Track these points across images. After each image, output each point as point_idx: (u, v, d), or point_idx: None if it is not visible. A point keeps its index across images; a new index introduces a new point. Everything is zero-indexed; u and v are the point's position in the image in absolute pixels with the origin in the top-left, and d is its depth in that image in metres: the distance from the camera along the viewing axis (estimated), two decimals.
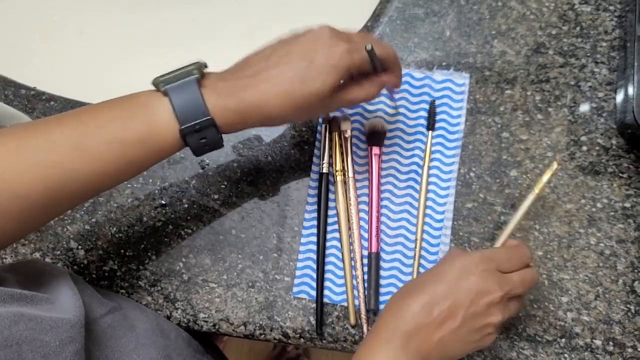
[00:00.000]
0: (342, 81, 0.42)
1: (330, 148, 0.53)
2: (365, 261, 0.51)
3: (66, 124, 0.38)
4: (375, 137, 0.52)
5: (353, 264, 0.50)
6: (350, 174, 0.52)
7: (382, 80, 0.44)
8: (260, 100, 0.39)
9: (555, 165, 0.45)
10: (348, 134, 0.52)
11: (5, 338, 0.29)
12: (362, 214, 0.52)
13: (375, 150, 0.52)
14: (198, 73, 0.39)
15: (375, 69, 0.43)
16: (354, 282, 0.50)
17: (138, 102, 0.39)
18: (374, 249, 0.50)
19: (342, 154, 0.52)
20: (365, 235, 0.51)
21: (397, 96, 0.54)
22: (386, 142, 0.53)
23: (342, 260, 0.51)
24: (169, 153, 0.40)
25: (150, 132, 0.38)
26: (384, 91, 0.52)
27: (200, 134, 0.39)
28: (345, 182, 0.51)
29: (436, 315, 0.38)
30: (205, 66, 0.41)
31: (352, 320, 0.49)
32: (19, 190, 0.35)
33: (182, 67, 0.40)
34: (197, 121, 0.38)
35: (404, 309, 0.39)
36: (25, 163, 0.36)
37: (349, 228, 0.51)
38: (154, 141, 0.39)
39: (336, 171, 0.52)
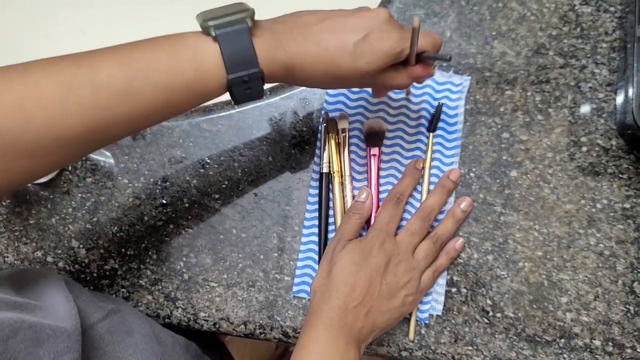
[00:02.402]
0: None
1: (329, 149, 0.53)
2: None
3: (111, 64, 0.36)
4: (373, 137, 0.52)
5: None
6: (347, 174, 0.52)
7: (416, 73, 0.43)
8: (306, 62, 0.39)
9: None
10: (345, 133, 0.53)
11: (1, 352, 0.29)
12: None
13: (374, 150, 0.52)
14: (250, 22, 0.37)
15: (409, 58, 0.42)
16: None
17: (185, 44, 0.37)
18: None
19: (339, 154, 0.52)
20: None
21: (398, 96, 0.54)
22: (387, 142, 0.53)
23: None
24: (212, 98, 0.39)
25: (197, 78, 0.37)
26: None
27: (247, 84, 0.38)
28: (342, 183, 0.52)
29: (357, 295, 0.43)
30: (254, 13, 0.39)
31: None
32: (62, 133, 0.34)
33: (232, 10, 0.38)
34: (246, 72, 0.37)
35: (332, 295, 0.44)
36: (71, 106, 0.34)
37: None
38: (200, 87, 0.38)
39: (333, 172, 0.52)
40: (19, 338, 0.30)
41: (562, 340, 0.48)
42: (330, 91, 0.55)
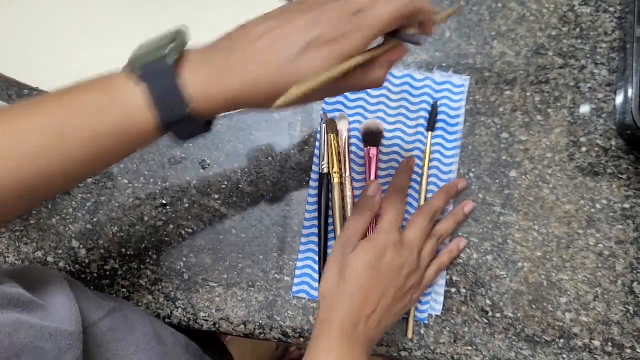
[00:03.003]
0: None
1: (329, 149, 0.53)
2: None
3: (40, 116, 0.33)
4: (371, 138, 0.52)
5: None
6: (347, 174, 0.52)
7: (390, 59, 0.37)
8: (252, 91, 0.33)
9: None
10: (344, 134, 0.53)
11: (7, 347, 0.29)
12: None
13: (372, 151, 0.52)
14: (176, 54, 0.33)
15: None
16: None
17: (113, 88, 0.34)
18: None
19: (338, 154, 0.52)
20: None
21: (397, 97, 0.54)
22: (386, 143, 0.53)
23: None
24: (150, 141, 0.36)
25: (127, 123, 0.34)
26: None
27: (185, 125, 0.35)
28: (342, 183, 0.52)
29: (372, 302, 0.42)
30: (184, 43, 0.35)
31: None
32: None
33: (160, 43, 0.34)
34: (179, 115, 0.34)
35: (346, 302, 0.42)
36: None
37: None
38: (132, 132, 0.34)
39: (333, 172, 0.52)
40: (22, 335, 0.30)
41: (562, 341, 0.48)
42: None
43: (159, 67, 0.33)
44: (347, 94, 0.55)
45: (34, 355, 0.30)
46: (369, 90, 0.55)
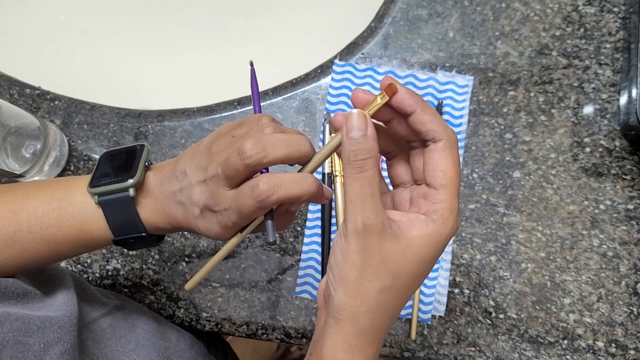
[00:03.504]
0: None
1: None
2: None
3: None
4: None
5: None
6: None
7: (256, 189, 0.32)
8: (191, 224, 0.35)
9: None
10: None
11: None
12: None
13: None
14: (133, 191, 0.35)
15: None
16: None
17: (74, 202, 0.36)
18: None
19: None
20: None
21: None
22: None
23: None
24: (100, 248, 0.40)
25: (83, 237, 0.36)
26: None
27: (135, 242, 0.37)
28: (344, 183, 0.51)
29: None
30: (148, 165, 0.37)
31: None
32: None
33: (118, 178, 0.36)
34: (131, 236, 0.36)
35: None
36: None
37: None
38: (85, 242, 0.37)
39: (336, 172, 0.52)
40: (6, 329, 0.31)
41: (565, 342, 0.48)
42: (333, 91, 0.55)
43: (118, 197, 0.35)
44: (350, 94, 0.55)
45: (16, 350, 0.30)
46: (372, 90, 0.55)
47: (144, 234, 0.36)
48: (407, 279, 0.29)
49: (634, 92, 0.49)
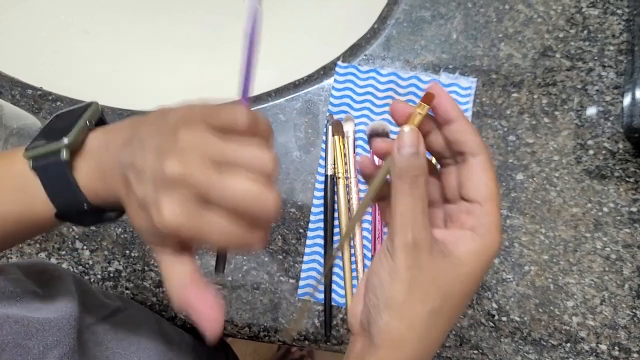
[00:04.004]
0: None
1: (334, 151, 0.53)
2: (368, 263, 0.51)
3: None
4: (376, 139, 0.52)
5: (354, 267, 0.50)
6: (353, 176, 0.52)
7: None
8: (125, 200, 0.30)
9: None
10: (350, 135, 0.52)
11: None
12: (367, 216, 0.52)
13: None
14: (67, 153, 0.31)
15: None
16: (355, 283, 0.50)
17: (12, 172, 0.32)
18: (377, 252, 0.50)
19: (344, 156, 0.52)
20: (369, 236, 0.51)
21: (404, 98, 0.54)
22: None
23: (342, 263, 0.51)
24: (51, 228, 0.36)
25: (26, 212, 0.32)
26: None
27: (82, 216, 0.33)
28: (347, 185, 0.51)
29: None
30: (83, 130, 0.32)
31: None
32: None
33: (52, 138, 0.31)
34: (75, 209, 0.32)
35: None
36: None
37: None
38: (32, 219, 0.33)
39: (339, 174, 0.52)
40: (5, 332, 0.30)
41: (568, 345, 0.48)
42: (335, 92, 0.55)
43: (51, 161, 0.31)
44: (353, 95, 0.55)
45: (15, 353, 0.30)
46: (374, 92, 0.55)
47: (85, 204, 0.31)
48: (455, 300, 0.28)
49: (637, 95, 0.49)
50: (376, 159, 0.48)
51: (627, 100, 0.51)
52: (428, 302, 0.27)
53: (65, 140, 0.30)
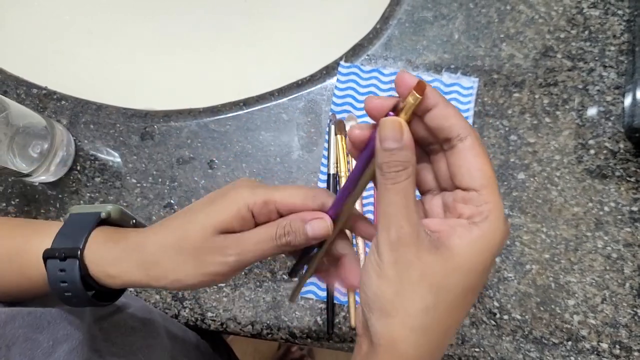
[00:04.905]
0: None
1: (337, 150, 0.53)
2: None
3: None
4: None
5: None
6: None
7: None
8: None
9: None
10: None
11: None
12: (369, 215, 0.52)
13: None
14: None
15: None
16: None
17: (32, 263, 0.33)
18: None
19: (346, 156, 0.52)
20: None
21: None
22: None
23: None
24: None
25: (29, 285, 0.34)
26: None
27: (80, 300, 0.33)
28: None
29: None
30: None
31: (353, 322, 0.49)
32: None
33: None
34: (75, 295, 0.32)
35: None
36: None
37: None
38: (30, 290, 0.35)
39: (341, 173, 0.52)
40: (17, 324, 0.31)
41: (569, 343, 0.48)
42: (338, 92, 0.55)
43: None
44: (355, 95, 0.55)
45: (25, 347, 0.30)
46: (377, 92, 0.55)
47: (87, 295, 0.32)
48: (454, 295, 0.25)
49: (638, 95, 0.49)
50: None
51: (627, 100, 0.52)
52: (419, 299, 0.25)
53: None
